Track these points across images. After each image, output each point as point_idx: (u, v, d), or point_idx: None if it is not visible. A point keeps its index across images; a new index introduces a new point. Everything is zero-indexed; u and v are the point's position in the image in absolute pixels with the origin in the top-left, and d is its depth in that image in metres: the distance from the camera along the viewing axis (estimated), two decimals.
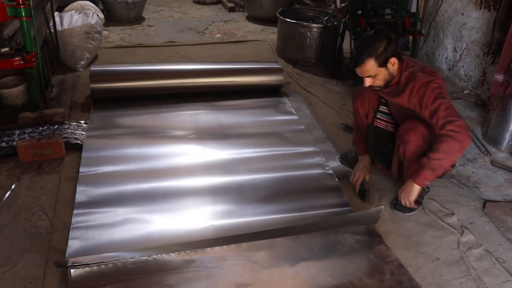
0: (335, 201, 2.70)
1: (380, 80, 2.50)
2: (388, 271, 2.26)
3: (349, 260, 2.31)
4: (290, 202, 2.68)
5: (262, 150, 3.17)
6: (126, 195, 2.64)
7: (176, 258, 2.23)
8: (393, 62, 2.47)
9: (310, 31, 4.74)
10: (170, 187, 2.73)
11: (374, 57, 2.41)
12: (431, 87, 2.40)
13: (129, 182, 2.74)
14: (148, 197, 2.63)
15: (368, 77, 2.48)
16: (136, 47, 5.21)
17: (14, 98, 3.37)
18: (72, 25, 4.27)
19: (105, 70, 3.83)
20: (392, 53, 2.45)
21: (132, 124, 3.44)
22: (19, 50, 3.28)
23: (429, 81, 2.42)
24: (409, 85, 2.47)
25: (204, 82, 3.91)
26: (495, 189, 2.93)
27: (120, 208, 2.53)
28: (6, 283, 2.06)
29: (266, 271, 2.20)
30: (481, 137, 3.52)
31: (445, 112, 2.33)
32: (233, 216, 2.54)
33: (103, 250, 2.22)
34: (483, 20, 4.09)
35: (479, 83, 4.21)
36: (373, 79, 2.49)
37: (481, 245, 2.44)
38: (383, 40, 2.42)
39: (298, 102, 3.95)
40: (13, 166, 2.88)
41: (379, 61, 2.42)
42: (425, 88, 2.41)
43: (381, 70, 2.46)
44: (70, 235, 2.30)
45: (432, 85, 2.40)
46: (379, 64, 2.43)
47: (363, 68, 2.45)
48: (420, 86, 2.43)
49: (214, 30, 6.07)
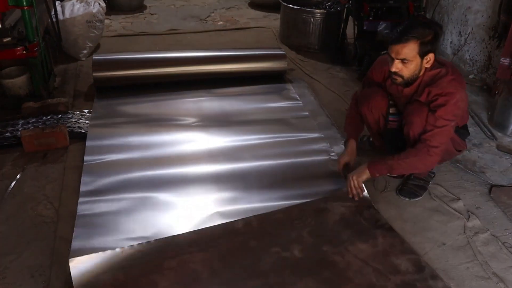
0: (340, 186, 2.69)
1: (409, 70, 2.31)
2: (380, 235, 2.31)
3: (342, 227, 2.36)
4: (295, 188, 2.66)
5: (266, 137, 3.15)
6: (131, 183, 2.64)
7: (174, 240, 2.23)
8: (429, 59, 2.30)
9: (313, 17, 4.70)
10: (175, 175, 2.73)
11: (419, 41, 2.22)
12: (450, 102, 2.28)
13: (133, 170, 2.74)
14: (153, 185, 2.62)
15: (400, 61, 2.28)
16: (138, 35, 5.19)
17: (17, 88, 3.37)
18: (73, 14, 4.24)
19: (107, 58, 3.81)
20: (433, 49, 2.28)
21: (136, 112, 3.43)
22: (21, 40, 3.26)
23: (448, 94, 2.28)
24: (427, 88, 2.34)
25: (207, 69, 3.89)
26: (501, 174, 2.92)
27: (125, 196, 2.53)
28: (13, 272, 2.07)
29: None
30: (486, 122, 3.50)
31: (438, 137, 2.31)
32: (239, 203, 2.53)
33: (109, 239, 2.22)
34: (488, 3, 4.04)
35: (484, 67, 4.17)
36: (403, 65, 2.29)
37: (487, 230, 2.44)
38: (433, 30, 2.25)
39: (302, 88, 3.93)
40: (17, 156, 2.89)
41: (421, 49, 2.24)
42: (444, 99, 2.28)
43: (417, 60, 2.27)
44: (76, 224, 2.30)
45: (449, 100, 2.27)
46: (419, 52, 2.25)
47: (403, 48, 2.24)
48: (439, 94, 2.30)
49: (216, 18, 6.03)
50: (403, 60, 2.27)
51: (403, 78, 2.35)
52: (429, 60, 2.30)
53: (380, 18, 4.27)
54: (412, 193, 2.63)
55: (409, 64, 2.28)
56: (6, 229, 2.31)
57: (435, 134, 2.31)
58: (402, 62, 2.28)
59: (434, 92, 2.31)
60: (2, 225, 2.33)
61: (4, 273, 2.05)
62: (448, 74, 2.32)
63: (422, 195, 2.65)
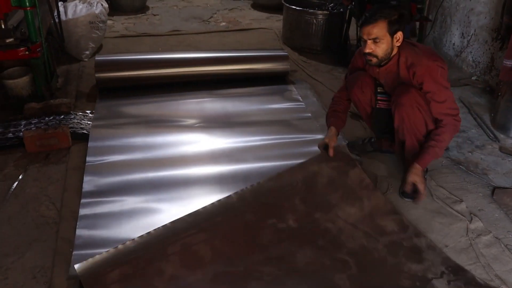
0: None
1: (381, 49, 2.44)
2: (365, 196, 2.43)
3: (331, 190, 2.47)
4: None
5: (268, 138, 3.16)
6: (133, 184, 2.64)
7: (173, 226, 2.22)
8: (398, 37, 2.44)
9: (316, 18, 4.70)
10: (177, 176, 2.73)
11: (387, 20, 2.38)
12: (436, 73, 2.43)
13: (136, 171, 2.74)
14: (155, 186, 2.63)
15: (372, 41, 2.42)
16: (141, 36, 5.20)
17: (19, 88, 3.37)
18: (76, 15, 4.25)
19: (110, 59, 3.82)
20: (401, 28, 2.43)
21: (138, 113, 3.43)
22: (24, 40, 3.27)
23: (432, 66, 2.43)
24: (411, 70, 2.47)
25: (210, 70, 3.89)
26: (504, 176, 2.91)
27: (127, 197, 2.53)
28: (15, 272, 2.07)
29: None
30: (489, 124, 3.48)
31: (450, 103, 2.48)
32: None
33: (111, 239, 2.22)
34: (491, 5, 4.03)
35: (487, 69, 4.16)
36: (375, 45, 2.42)
37: (490, 232, 2.43)
38: (398, 11, 2.43)
39: (305, 89, 3.93)
40: (20, 156, 2.89)
41: (390, 27, 2.39)
42: (430, 76, 2.43)
43: (387, 38, 2.41)
44: (78, 225, 2.30)
45: (436, 71, 2.43)
46: (388, 30, 2.39)
47: (373, 28, 2.39)
48: (424, 72, 2.43)
49: (219, 19, 6.04)
50: (374, 39, 2.41)
51: (377, 58, 2.48)
52: (399, 38, 2.44)
53: None
54: (414, 194, 2.64)
55: (380, 43, 2.42)
56: (8, 230, 2.31)
57: (448, 103, 2.47)
58: (374, 42, 2.42)
59: (418, 72, 2.44)
60: (4, 225, 2.33)
61: (6, 274, 2.06)
62: (421, 50, 2.49)
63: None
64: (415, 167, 2.45)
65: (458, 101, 3.72)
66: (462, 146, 3.19)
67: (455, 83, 4.14)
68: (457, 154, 3.10)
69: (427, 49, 2.57)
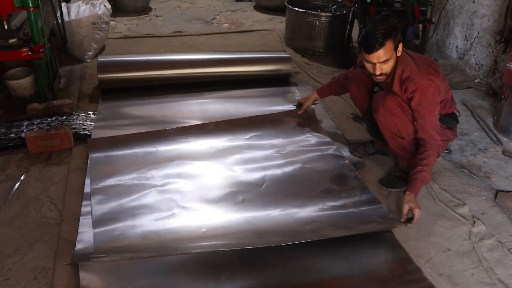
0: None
1: (389, 66, 2.44)
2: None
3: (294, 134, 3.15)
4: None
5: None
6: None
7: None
8: (399, 48, 2.45)
9: (318, 20, 4.69)
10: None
11: (392, 39, 2.36)
12: (427, 93, 2.44)
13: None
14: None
15: (382, 63, 2.41)
16: (144, 37, 5.19)
17: (22, 89, 3.37)
18: (79, 16, 4.25)
19: (112, 60, 3.81)
20: (400, 38, 2.44)
21: (140, 114, 3.43)
22: (27, 41, 3.27)
23: (424, 86, 2.43)
24: (403, 85, 2.47)
25: (212, 72, 3.89)
26: (507, 179, 2.90)
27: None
28: (16, 273, 2.06)
29: None
30: (492, 127, 3.47)
31: (434, 129, 2.52)
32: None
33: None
34: (495, 8, 4.02)
35: (490, 71, 4.15)
36: (385, 65, 2.42)
37: (492, 236, 2.42)
38: (391, 23, 2.38)
39: (307, 91, 3.91)
40: (22, 157, 2.89)
41: (395, 44, 2.39)
42: (420, 94, 2.44)
43: (394, 54, 2.42)
44: (80, 226, 2.29)
45: (428, 91, 2.44)
46: (394, 47, 2.39)
47: (382, 52, 2.36)
48: (415, 89, 2.44)
49: (221, 20, 6.03)
50: (386, 60, 2.41)
51: (387, 75, 2.50)
52: (400, 48, 2.45)
53: None
54: (392, 184, 2.71)
55: (390, 62, 2.43)
56: (10, 230, 2.31)
57: (430, 130, 2.50)
58: (383, 63, 2.42)
59: (410, 88, 2.45)
60: (5, 226, 2.33)
61: (7, 275, 2.05)
62: (418, 65, 2.50)
63: (401, 188, 2.68)
64: (409, 195, 2.42)
65: (461, 103, 3.71)
66: (465, 149, 3.18)
67: (458, 85, 4.13)
68: (460, 157, 3.09)
69: (424, 63, 2.55)
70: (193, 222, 2.37)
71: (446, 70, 4.45)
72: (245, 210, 2.48)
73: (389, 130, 2.62)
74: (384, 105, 2.56)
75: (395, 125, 2.57)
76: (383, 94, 2.60)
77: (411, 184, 2.46)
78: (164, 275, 2.09)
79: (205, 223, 2.36)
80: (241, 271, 2.12)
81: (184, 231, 2.31)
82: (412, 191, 2.43)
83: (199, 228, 2.32)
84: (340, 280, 2.13)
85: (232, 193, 2.62)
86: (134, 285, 2.03)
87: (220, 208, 2.50)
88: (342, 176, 2.78)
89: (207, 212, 2.45)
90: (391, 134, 2.64)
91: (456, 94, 3.54)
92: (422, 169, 2.45)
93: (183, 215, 2.42)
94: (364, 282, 2.13)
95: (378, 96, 2.66)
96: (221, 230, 2.32)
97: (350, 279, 2.14)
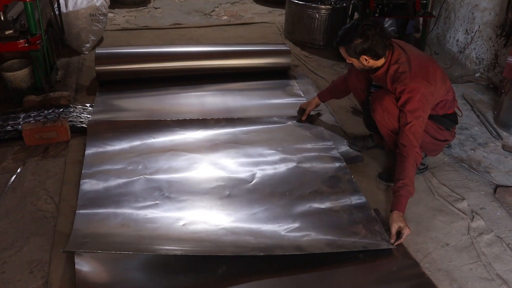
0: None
1: (356, 66, 2.58)
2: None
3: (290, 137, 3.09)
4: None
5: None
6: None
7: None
8: (365, 59, 2.48)
9: (318, 13, 4.65)
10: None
11: (345, 48, 2.49)
12: (414, 96, 2.40)
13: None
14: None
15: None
16: (142, 29, 5.16)
17: (19, 81, 3.34)
18: (77, 7, 4.21)
19: (110, 52, 3.78)
20: (365, 51, 2.44)
21: (138, 107, 3.41)
22: (24, 32, 3.24)
23: (413, 90, 2.40)
24: (393, 85, 2.48)
25: (211, 65, 3.86)
26: (507, 174, 2.88)
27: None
28: (12, 266, 2.06)
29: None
30: (492, 121, 3.45)
31: (413, 136, 2.42)
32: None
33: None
34: (496, 1, 3.99)
35: (491, 66, 4.13)
36: (352, 60, 2.56)
37: (491, 231, 2.41)
38: (360, 36, 2.41)
39: (306, 84, 3.90)
40: (18, 149, 2.87)
41: (350, 53, 2.49)
42: (407, 96, 2.42)
43: (353, 60, 2.53)
44: (76, 219, 2.27)
45: (415, 94, 2.40)
46: (350, 55, 2.50)
47: (342, 51, 2.54)
48: (402, 91, 2.44)
49: (221, 12, 5.99)
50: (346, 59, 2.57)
51: (360, 68, 2.61)
52: (367, 60, 2.48)
53: (386, 15, 4.24)
54: (391, 178, 2.65)
55: (354, 62, 2.56)
56: (6, 224, 2.29)
57: (410, 134, 2.42)
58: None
59: (398, 89, 2.46)
60: (1, 219, 2.32)
61: (3, 268, 2.04)
62: (412, 67, 2.45)
63: None
64: (396, 214, 2.32)
65: (461, 98, 3.70)
66: (465, 143, 3.17)
67: (458, 79, 4.11)
68: (460, 152, 3.07)
69: (419, 65, 2.48)
70: (174, 213, 2.37)
71: (446, 64, 4.43)
72: (229, 205, 2.46)
73: (386, 129, 2.61)
74: (381, 105, 2.54)
75: (392, 124, 2.55)
76: (381, 94, 2.59)
77: (396, 202, 2.34)
78: (160, 268, 2.08)
79: (186, 215, 2.35)
80: (238, 265, 2.11)
81: (162, 223, 2.29)
82: (398, 209, 2.32)
83: (178, 220, 2.31)
84: (337, 275, 2.12)
85: (220, 187, 2.59)
86: (130, 277, 2.03)
87: (204, 201, 2.48)
88: (335, 178, 2.71)
89: (190, 205, 2.44)
90: (389, 132, 2.62)
91: (456, 88, 3.52)
92: (404, 183, 2.34)
93: (166, 205, 2.42)
94: (363, 277, 2.12)
95: (375, 95, 2.65)
96: (200, 225, 2.30)
97: (348, 273, 2.13)
